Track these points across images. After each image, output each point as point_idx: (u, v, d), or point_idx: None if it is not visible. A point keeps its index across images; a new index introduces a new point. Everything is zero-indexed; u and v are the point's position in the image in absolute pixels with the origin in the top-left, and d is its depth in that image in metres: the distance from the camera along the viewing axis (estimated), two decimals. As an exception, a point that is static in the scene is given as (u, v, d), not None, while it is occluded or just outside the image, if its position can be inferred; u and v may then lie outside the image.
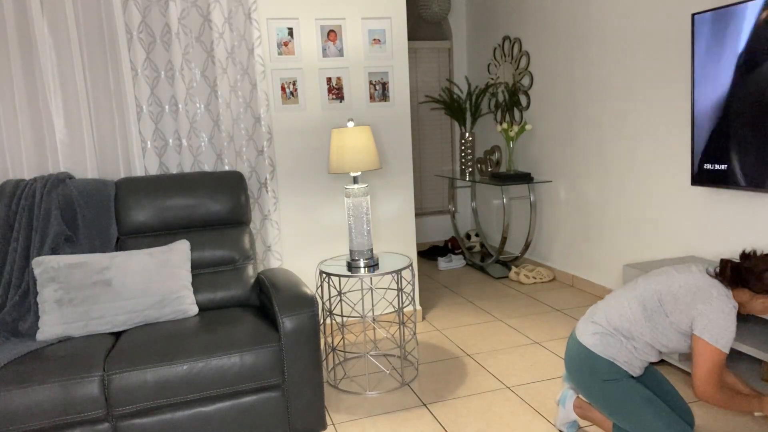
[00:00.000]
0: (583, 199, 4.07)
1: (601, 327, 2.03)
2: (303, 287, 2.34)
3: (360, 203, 2.74)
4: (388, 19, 3.33)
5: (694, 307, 1.89)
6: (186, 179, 2.72)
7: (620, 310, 2.02)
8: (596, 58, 3.79)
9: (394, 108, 3.43)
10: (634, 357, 2.00)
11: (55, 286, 2.27)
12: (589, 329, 2.06)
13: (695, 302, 1.89)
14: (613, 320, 2.02)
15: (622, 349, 1.99)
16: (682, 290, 1.93)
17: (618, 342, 1.99)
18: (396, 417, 2.48)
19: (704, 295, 1.89)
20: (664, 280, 1.98)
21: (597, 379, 2.00)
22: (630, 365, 2.00)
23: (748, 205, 2.80)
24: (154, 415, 2.07)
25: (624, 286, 2.13)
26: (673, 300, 1.93)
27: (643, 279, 2.06)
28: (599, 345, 2.00)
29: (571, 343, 2.11)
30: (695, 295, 1.90)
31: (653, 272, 2.07)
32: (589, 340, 2.03)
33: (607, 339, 2.00)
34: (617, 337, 2.00)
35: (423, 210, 5.86)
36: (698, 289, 1.91)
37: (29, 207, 2.55)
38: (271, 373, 2.16)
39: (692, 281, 1.93)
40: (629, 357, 2.00)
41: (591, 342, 2.02)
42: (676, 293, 1.93)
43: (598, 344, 2.01)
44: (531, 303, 3.91)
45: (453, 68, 5.70)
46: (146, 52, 2.90)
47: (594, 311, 2.11)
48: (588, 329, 2.06)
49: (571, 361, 2.08)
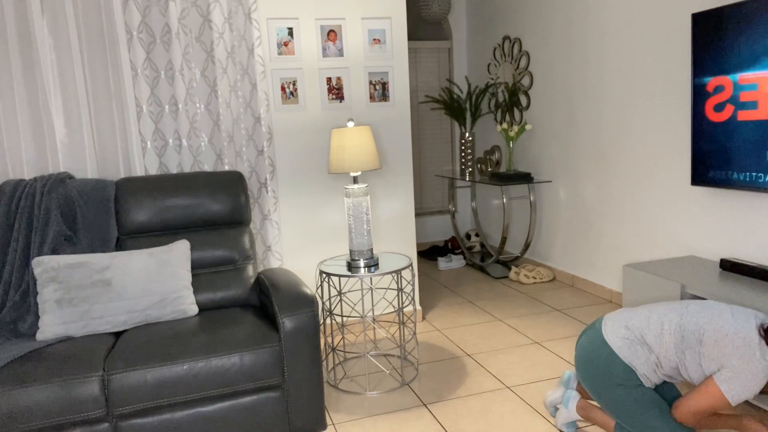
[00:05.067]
0: (583, 199, 4.07)
1: (635, 336, 1.97)
2: (303, 287, 2.34)
3: (360, 203, 2.74)
4: (388, 19, 3.33)
5: (730, 359, 1.80)
6: (186, 179, 2.72)
7: (659, 332, 1.94)
8: (596, 57, 3.79)
9: (394, 108, 3.43)
10: (655, 374, 1.96)
11: (55, 286, 2.27)
12: (620, 332, 1.99)
13: (733, 355, 1.79)
14: (648, 339, 1.95)
15: (647, 363, 1.94)
16: (727, 339, 1.81)
17: (644, 355, 1.94)
18: (396, 417, 2.48)
19: (746, 353, 1.78)
20: (715, 320, 1.87)
21: (611, 381, 1.97)
22: (647, 378, 1.96)
23: (748, 205, 2.80)
24: (154, 415, 2.07)
25: (671, 304, 2.02)
26: (714, 345, 1.83)
27: (696, 306, 1.94)
28: (625, 349, 1.96)
29: (593, 336, 2.04)
30: (737, 350, 1.79)
31: (709, 302, 1.96)
32: (617, 342, 1.97)
33: (635, 347, 1.95)
34: (647, 351, 1.94)
35: (423, 210, 5.86)
36: (744, 344, 1.79)
37: (29, 207, 2.55)
38: (271, 373, 2.17)
39: (742, 335, 1.80)
40: (650, 372, 1.95)
41: (618, 344, 1.97)
42: (721, 341, 1.82)
43: (624, 348, 1.96)
44: (531, 303, 3.91)
45: (453, 68, 5.70)
46: (146, 52, 2.91)
47: (631, 317, 2.02)
48: (619, 332, 1.99)
49: (587, 356, 2.03)
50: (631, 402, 1.95)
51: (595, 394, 2.05)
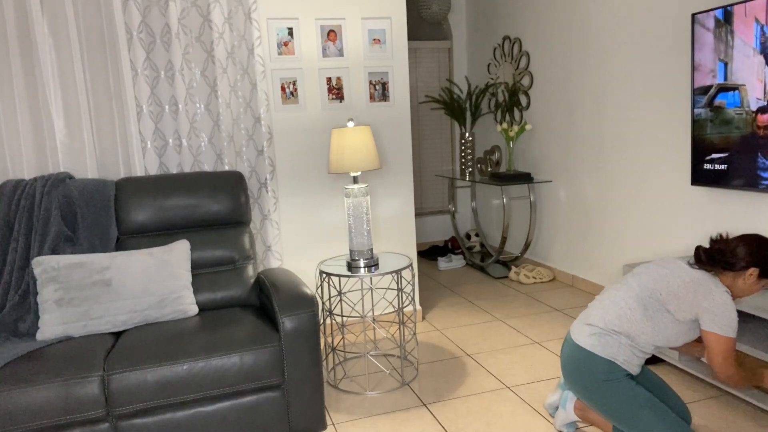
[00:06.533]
0: (583, 199, 4.07)
1: (599, 328, 2.03)
2: (303, 287, 2.34)
3: (360, 203, 2.74)
4: (388, 19, 3.33)
5: (698, 304, 1.94)
6: (186, 179, 2.72)
7: (618, 311, 2.02)
8: (596, 57, 3.79)
9: (394, 108, 3.43)
10: (633, 355, 2.01)
11: (55, 286, 2.27)
12: (585, 331, 2.05)
13: (698, 300, 1.94)
14: (612, 322, 2.01)
15: (622, 348, 1.99)
16: (682, 289, 1.96)
17: (616, 342, 2.00)
18: (396, 417, 2.48)
19: (704, 291, 1.93)
20: (659, 278, 2.01)
21: (596, 380, 2.00)
22: (629, 363, 2.00)
23: (748, 205, 2.80)
24: (154, 415, 2.07)
25: (614, 285, 2.13)
26: (675, 298, 1.96)
27: (634, 278, 2.08)
28: (598, 345, 2.00)
29: (566, 347, 2.10)
30: (696, 293, 1.94)
31: (640, 269, 2.10)
32: (587, 341, 2.03)
33: (605, 339, 2.00)
34: (615, 336, 2.00)
35: (423, 210, 5.86)
36: (697, 285, 1.95)
37: (29, 207, 2.55)
38: (271, 373, 2.17)
39: (688, 278, 1.97)
40: (628, 355, 2.00)
41: (589, 343, 2.02)
42: (677, 291, 1.96)
43: (596, 344, 2.01)
44: (531, 303, 3.91)
45: (453, 68, 5.70)
46: (146, 52, 2.91)
47: (588, 314, 2.10)
48: (584, 331, 2.05)
49: (568, 364, 2.07)
50: (621, 397, 1.97)
51: (587, 400, 2.06)
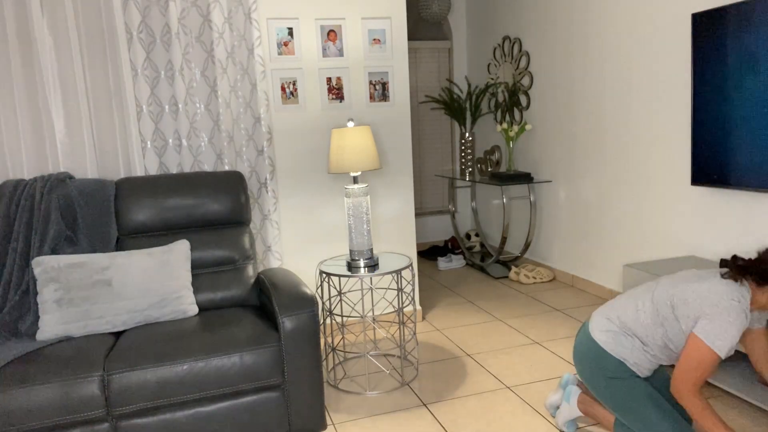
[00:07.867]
0: (583, 199, 4.07)
1: (615, 326, 2.02)
2: (303, 287, 2.34)
3: (360, 203, 2.74)
4: (388, 19, 3.33)
5: (702, 310, 1.83)
6: (186, 179, 2.72)
7: (635, 314, 1.98)
8: (596, 57, 3.79)
9: (394, 108, 3.43)
10: (645, 359, 1.99)
11: (55, 286, 2.27)
12: (603, 325, 2.04)
13: (703, 306, 1.83)
14: (628, 323, 2.00)
15: (634, 351, 1.98)
16: (693, 295, 1.86)
17: (629, 344, 1.98)
18: (396, 417, 2.48)
19: (714, 299, 1.82)
20: (681, 283, 1.92)
21: (603, 375, 2.01)
22: (639, 366, 1.99)
23: (748, 205, 2.80)
24: (154, 415, 2.07)
25: (645, 284, 2.07)
26: (683, 305, 1.87)
27: (666, 279, 2.00)
28: (611, 343, 2.00)
29: (582, 335, 2.10)
30: (706, 299, 1.83)
31: (679, 274, 2.00)
32: (601, 336, 2.02)
33: (619, 338, 1.99)
34: (630, 339, 1.98)
35: (423, 210, 5.86)
36: (710, 293, 1.84)
37: (29, 207, 2.55)
38: (271, 373, 2.16)
39: (705, 286, 1.86)
40: (640, 359, 1.98)
41: (603, 339, 2.02)
42: (688, 298, 1.87)
43: (609, 342, 2.00)
44: (531, 303, 3.91)
45: (453, 68, 5.70)
46: (146, 52, 2.90)
47: (611, 307, 2.07)
48: (602, 325, 2.04)
49: (580, 353, 2.09)
50: (626, 392, 1.98)
51: (592, 389, 2.08)
